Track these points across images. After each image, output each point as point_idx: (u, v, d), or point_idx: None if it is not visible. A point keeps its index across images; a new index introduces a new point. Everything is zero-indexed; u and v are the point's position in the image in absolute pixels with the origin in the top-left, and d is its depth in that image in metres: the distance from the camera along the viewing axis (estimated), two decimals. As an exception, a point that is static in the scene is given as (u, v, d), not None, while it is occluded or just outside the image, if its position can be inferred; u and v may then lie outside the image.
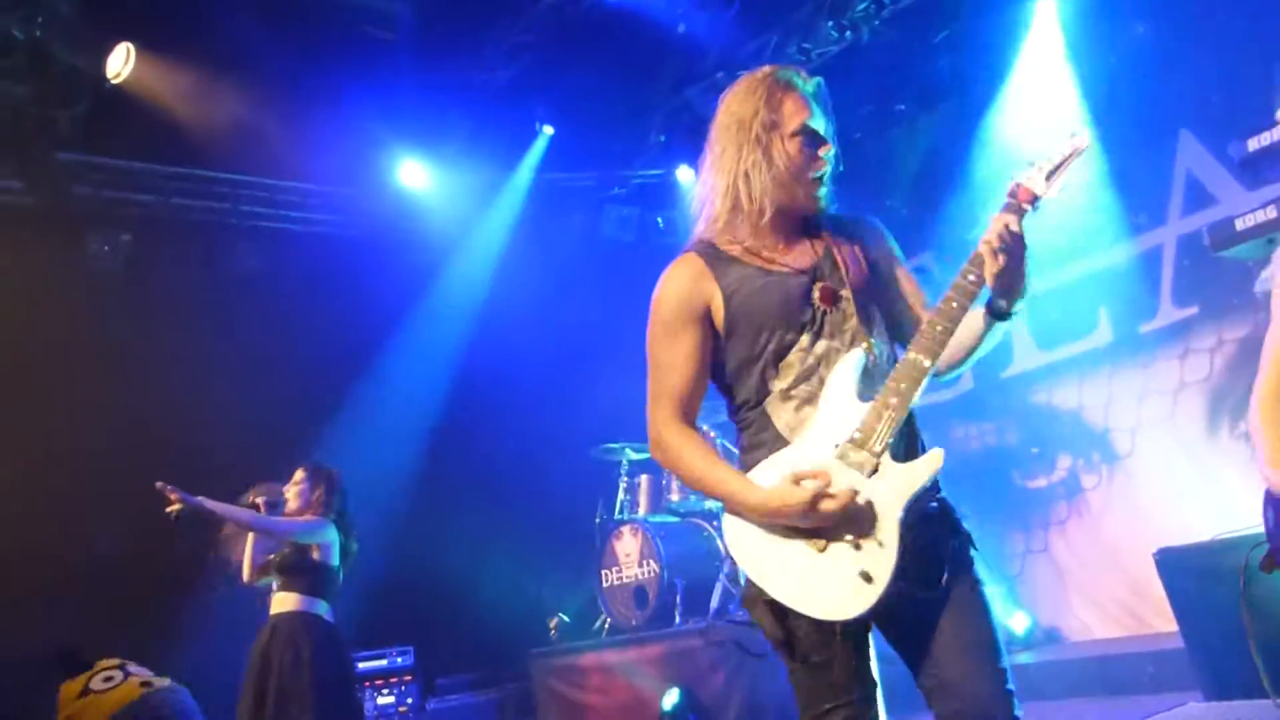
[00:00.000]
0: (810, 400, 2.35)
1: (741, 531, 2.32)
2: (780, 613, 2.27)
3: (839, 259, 2.41)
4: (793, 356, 2.37)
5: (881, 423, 2.22)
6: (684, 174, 8.07)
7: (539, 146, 7.81)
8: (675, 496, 7.11)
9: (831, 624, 2.21)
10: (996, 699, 2.16)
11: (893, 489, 2.20)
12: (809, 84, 2.45)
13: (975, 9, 6.71)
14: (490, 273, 8.12)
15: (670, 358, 2.42)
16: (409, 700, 7.09)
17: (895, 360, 2.32)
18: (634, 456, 7.50)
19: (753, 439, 2.42)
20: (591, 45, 6.87)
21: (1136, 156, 6.11)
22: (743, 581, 2.38)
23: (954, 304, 2.25)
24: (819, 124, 2.41)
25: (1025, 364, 6.90)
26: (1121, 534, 6.27)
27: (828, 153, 2.40)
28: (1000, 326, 2.31)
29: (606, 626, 7.20)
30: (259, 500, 5.26)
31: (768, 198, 2.38)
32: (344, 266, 7.66)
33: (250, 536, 5.29)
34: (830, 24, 6.79)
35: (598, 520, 7.56)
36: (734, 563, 6.64)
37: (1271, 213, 3.68)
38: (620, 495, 7.47)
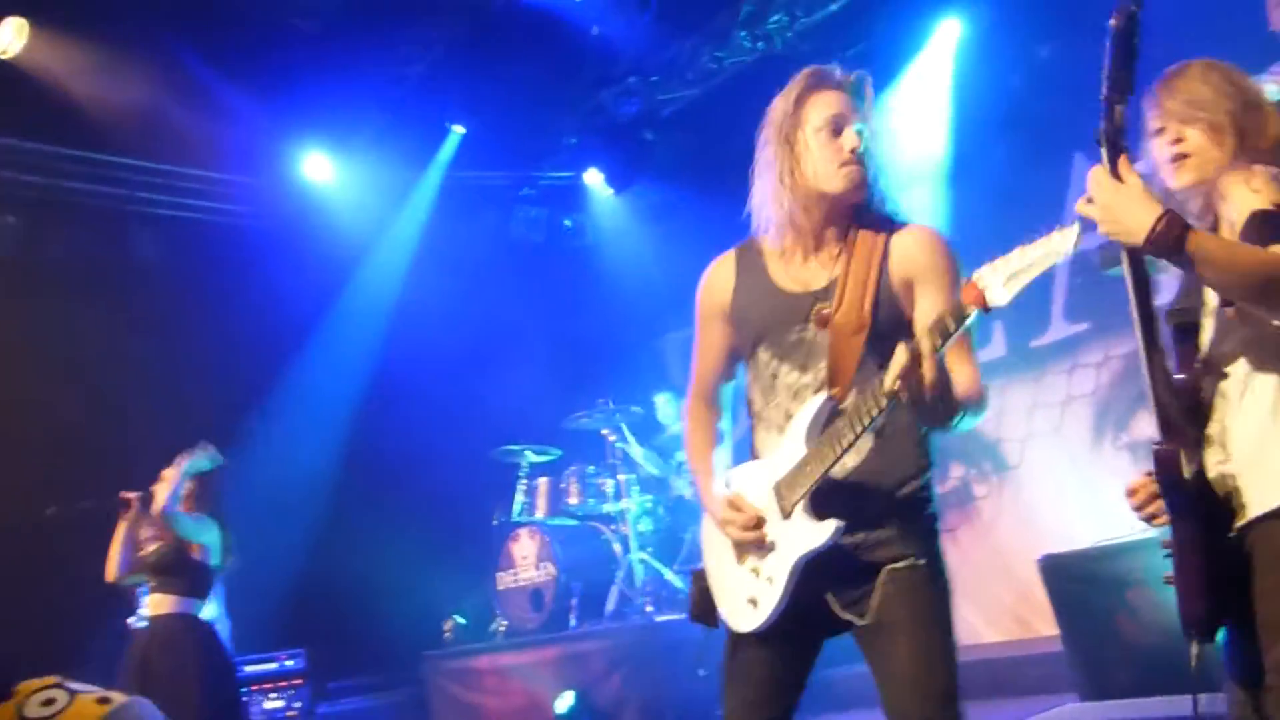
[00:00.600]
0: (779, 429, 2.45)
1: (708, 519, 2.56)
2: (707, 597, 2.52)
3: (846, 286, 2.37)
4: (767, 378, 2.49)
5: (801, 477, 2.33)
6: (593, 177, 8.06)
7: (450, 144, 7.72)
8: (574, 500, 7.09)
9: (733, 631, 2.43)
10: None
11: (795, 539, 2.33)
12: (843, 79, 2.44)
13: (886, 26, 6.84)
14: (399, 270, 7.99)
15: (701, 346, 2.64)
16: (298, 704, 6.92)
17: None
18: (534, 459, 7.46)
19: (749, 441, 2.61)
20: (506, 44, 6.81)
21: (1034, 175, 6.29)
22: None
23: (867, 405, 2.21)
24: (848, 117, 2.39)
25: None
26: (1010, 541, 6.45)
27: (853, 143, 2.36)
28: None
29: (502, 629, 7.14)
30: (131, 496, 5.02)
31: (803, 196, 2.40)
32: (247, 258, 7.45)
33: (120, 531, 5.00)
34: (744, 34, 6.86)
35: (495, 522, 7.50)
36: (630, 566, 6.71)
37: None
38: (519, 497, 7.42)
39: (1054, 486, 6.32)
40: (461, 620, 7.60)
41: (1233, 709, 2.00)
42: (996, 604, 6.50)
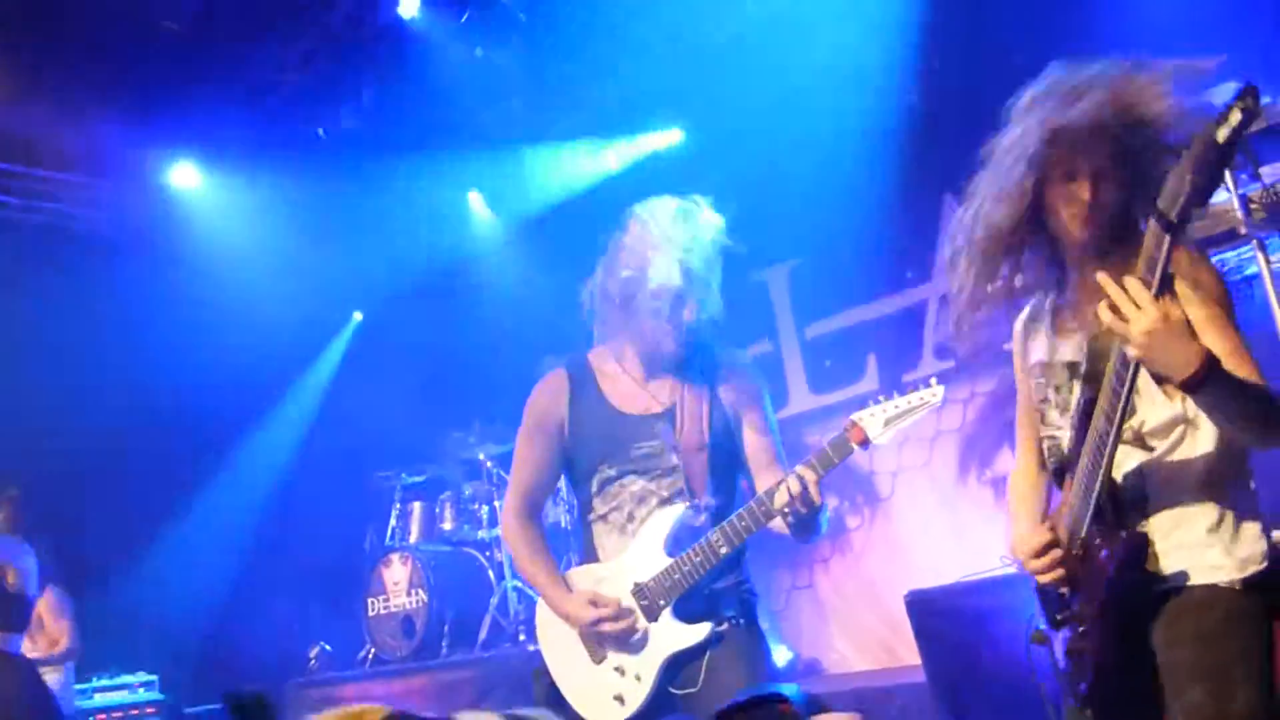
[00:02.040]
0: (623, 530, 2.70)
1: (549, 621, 2.74)
2: (558, 696, 2.68)
3: (685, 413, 2.70)
4: (613, 488, 2.72)
5: (671, 583, 2.59)
6: (475, 199, 7.97)
7: (324, 158, 7.51)
8: (448, 525, 6.97)
9: None
10: None
11: (663, 640, 2.58)
12: (688, 226, 2.70)
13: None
14: (268, 286, 7.74)
15: (524, 456, 2.83)
16: (150, 733, 6.63)
17: (726, 509, 2.68)
18: (408, 480, 7.30)
19: (581, 544, 2.82)
20: (387, 60, 6.70)
21: (908, 215, 6.46)
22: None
23: (763, 508, 2.56)
24: (692, 284, 2.67)
25: (799, 406, 7.15)
26: (880, 572, 6.57)
27: (688, 312, 2.67)
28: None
29: (371, 657, 6.95)
30: None
31: (638, 334, 2.70)
32: (103, 264, 7.15)
33: None
34: (629, 62, 6.89)
35: (366, 546, 7.31)
36: (505, 594, 6.61)
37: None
38: (392, 522, 7.25)
39: (922, 519, 6.47)
40: (327, 647, 7.37)
41: None
42: (866, 633, 6.61)
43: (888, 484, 6.73)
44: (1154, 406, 2.02)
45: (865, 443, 2.49)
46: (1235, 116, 1.68)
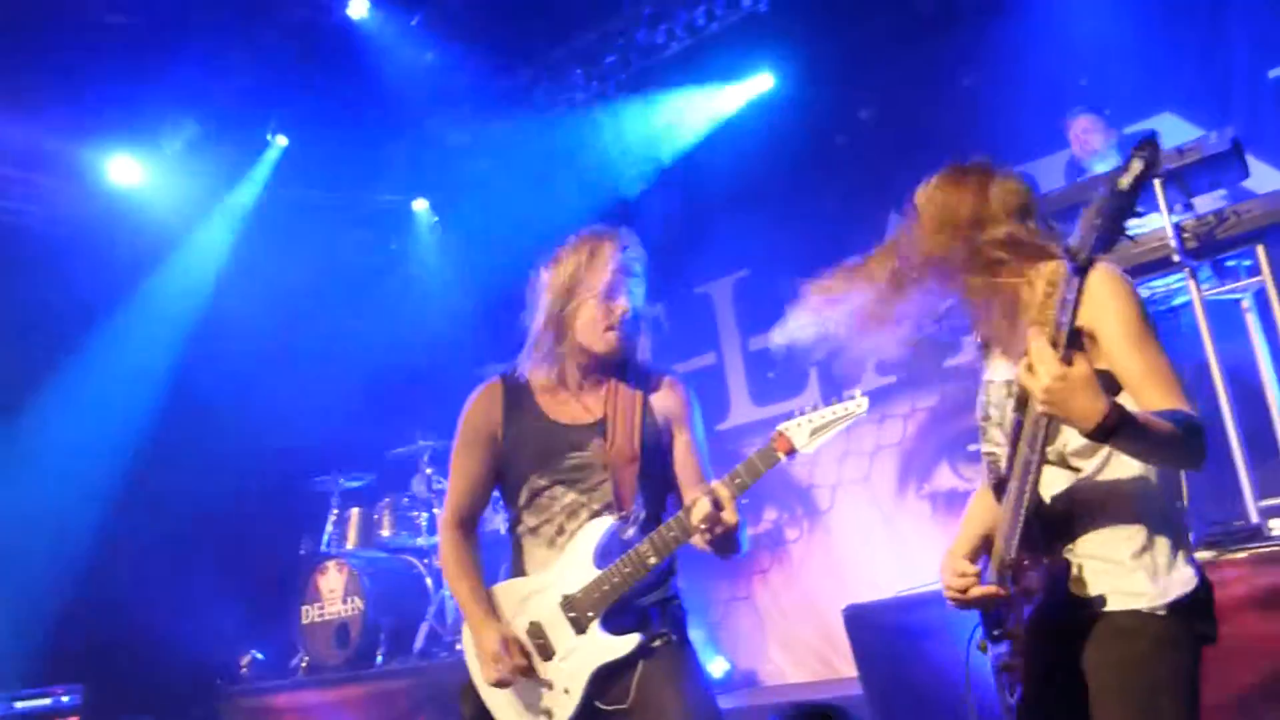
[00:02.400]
0: (551, 544, 2.69)
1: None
2: (484, 711, 2.68)
3: (616, 425, 2.71)
4: (543, 499, 2.71)
5: (600, 595, 2.58)
6: (420, 204, 7.90)
7: (271, 158, 7.42)
8: (386, 532, 6.87)
9: None
10: None
11: (591, 653, 2.58)
12: (622, 241, 2.75)
13: (716, 74, 6.97)
14: (209, 286, 7.60)
15: (459, 468, 2.79)
16: (73, 744, 6.45)
17: (656, 521, 2.68)
18: (346, 486, 7.20)
19: (510, 557, 2.79)
20: (337, 62, 6.63)
21: (853, 230, 6.52)
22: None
23: (682, 527, 2.52)
24: (622, 283, 2.70)
25: (741, 417, 7.19)
26: (818, 585, 6.62)
27: (622, 310, 2.68)
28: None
29: (304, 665, 6.83)
30: None
31: (574, 346, 2.70)
32: (37, 259, 6.95)
33: None
34: (580, 71, 6.89)
35: (302, 553, 7.19)
36: (442, 602, 6.54)
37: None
38: (329, 528, 7.13)
39: (861, 532, 6.53)
40: (260, 655, 7.24)
41: None
42: (803, 645, 6.65)
43: (827, 497, 6.79)
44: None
45: (792, 453, 2.48)
46: (1136, 166, 1.79)
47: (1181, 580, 1.99)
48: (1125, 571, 2.00)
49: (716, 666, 6.62)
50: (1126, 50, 5.64)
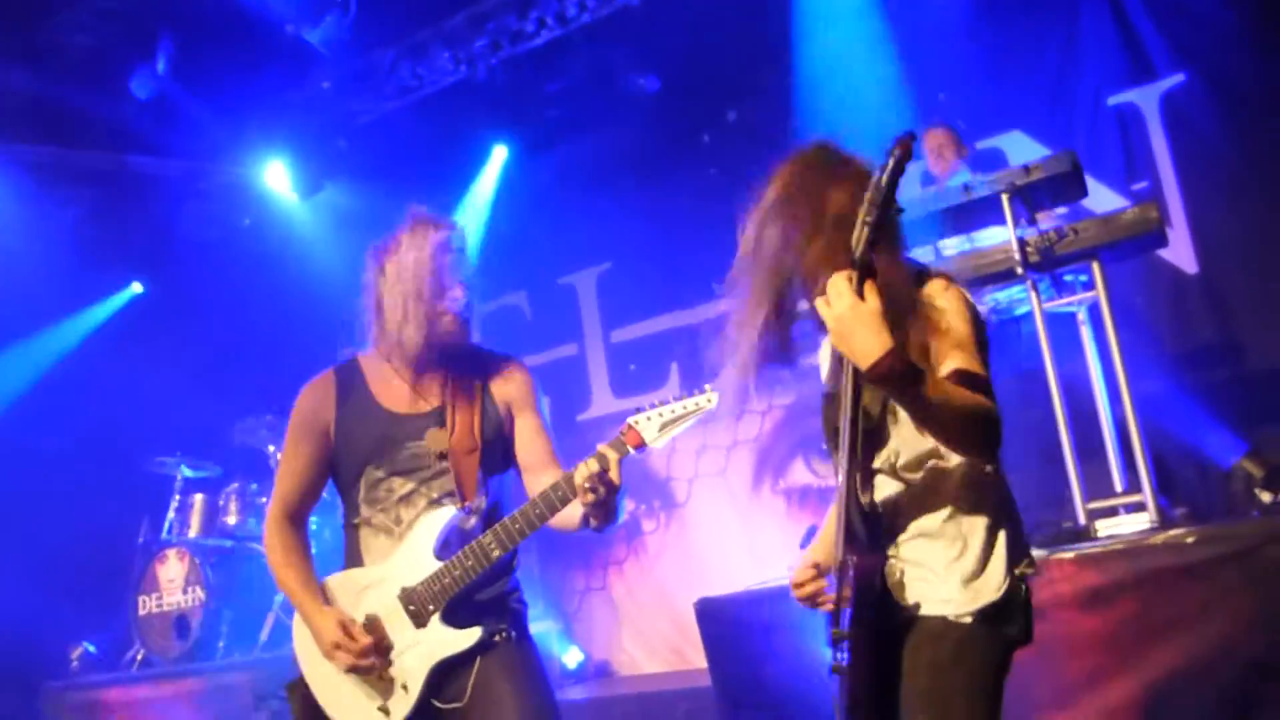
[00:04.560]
0: (388, 532, 2.63)
1: (306, 630, 2.62)
2: (315, 708, 2.61)
3: (455, 413, 2.67)
4: (380, 491, 2.65)
5: (440, 587, 2.54)
6: (276, 178, 7.61)
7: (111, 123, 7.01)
8: (232, 519, 6.62)
9: None
10: None
11: (430, 647, 2.54)
12: (456, 228, 2.72)
13: (589, 62, 6.94)
14: (40, 252, 7.17)
15: (289, 464, 2.72)
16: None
17: (497, 510, 2.67)
18: (189, 474, 6.91)
19: (346, 550, 2.72)
20: (189, 25, 6.32)
21: (716, 227, 6.60)
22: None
23: (537, 511, 2.50)
24: (457, 268, 2.67)
25: (601, 409, 7.21)
26: (673, 577, 6.70)
27: (458, 297, 2.65)
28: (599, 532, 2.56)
29: (139, 658, 6.54)
30: None
31: (410, 328, 2.63)
32: None
33: None
34: (448, 54, 6.76)
35: (140, 540, 6.87)
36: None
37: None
38: (170, 514, 6.83)
39: (717, 526, 6.64)
40: (91, 648, 6.90)
41: None
42: (657, 636, 6.72)
43: (684, 490, 6.87)
44: (908, 442, 2.13)
45: (641, 446, 2.47)
46: (890, 163, 1.89)
47: (991, 587, 2.08)
48: (939, 579, 2.09)
49: (571, 657, 6.63)
50: (983, 69, 5.87)
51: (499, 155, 7.55)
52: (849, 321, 1.86)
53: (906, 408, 1.97)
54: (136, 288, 8.28)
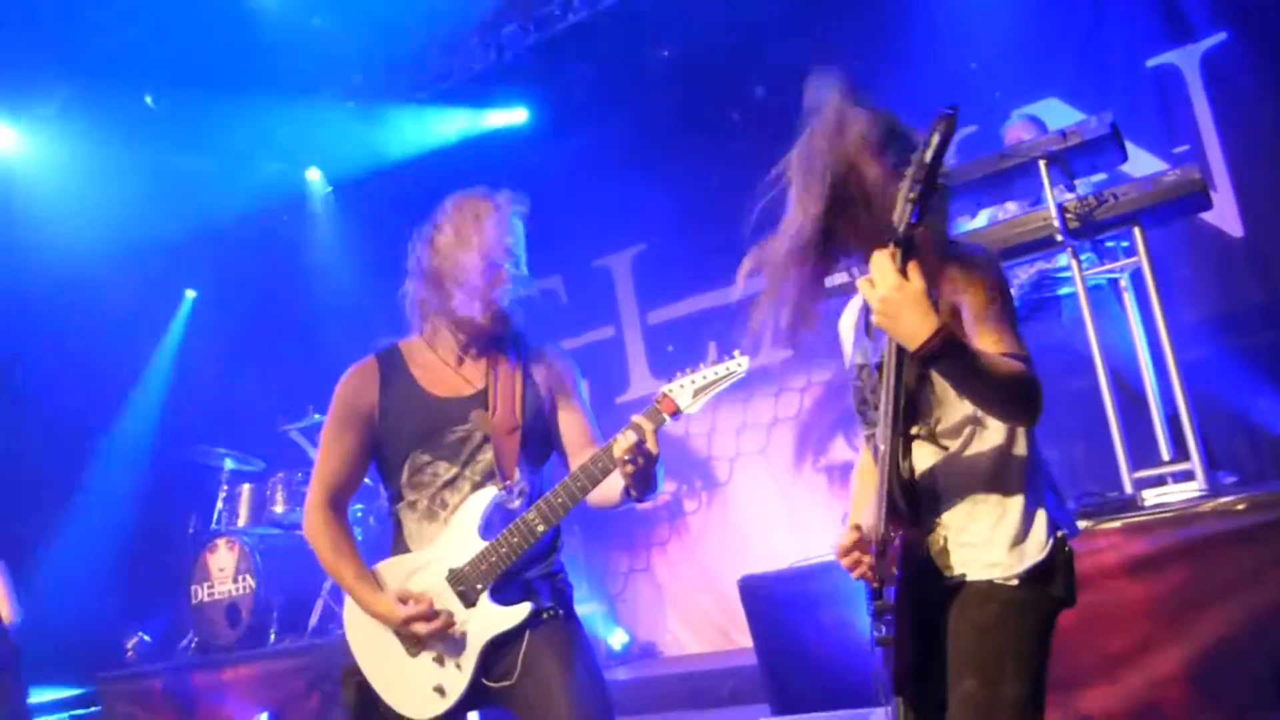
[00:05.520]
0: (433, 517, 2.65)
1: (357, 617, 2.64)
2: (368, 693, 2.61)
3: (498, 395, 2.67)
4: (425, 475, 2.66)
5: (488, 566, 2.56)
6: (313, 174, 7.69)
7: (150, 123, 7.12)
8: (279, 508, 6.72)
9: (406, 718, 2.57)
10: None
11: (482, 625, 2.56)
12: (509, 207, 2.69)
13: (611, 50, 6.91)
14: (93, 251, 7.28)
15: (331, 450, 2.70)
16: (-50, 729, 6.22)
17: (539, 492, 2.67)
18: (236, 463, 7.02)
19: (391, 535, 2.74)
20: (217, 27, 6.37)
21: (752, 207, 6.56)
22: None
23: (578, 483, 2.53)
24: (506, 250, 2.65)
25: (640, 390, 7.22)
26: (716, 556, 6.70)
27: (510, 275, 2.64)
28: (639, 505, 2.58)
29: (193, 646, 6.67)
30: None
31: (452, 314, 2.65)
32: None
33: None
34: (477, 41, 6.77)
35: (191, 530, 7.00)
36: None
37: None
38: (219, 505, 6.95)
39: (759, 504, 6.63)
40: (146, 637, 7.05)
41: None
42: (702, 616, 6.74)
43: (725, 469, 6.87)
44: (948, 408, 2.12)
45: (676, 413, 2.51)
46: (935, 139, 1.87)
47: (1035, 549, 2.08)
48: (983, 545, 2.09)
49: (616, 638, 6.67)
50: (1015, 36, 5.78)
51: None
52: (896, 303, 1.86)
53: (952, 381, 1.98)
54: (190, 294, 8.40)
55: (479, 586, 2.56)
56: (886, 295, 1.86)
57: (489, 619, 2.56)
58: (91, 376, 7.26)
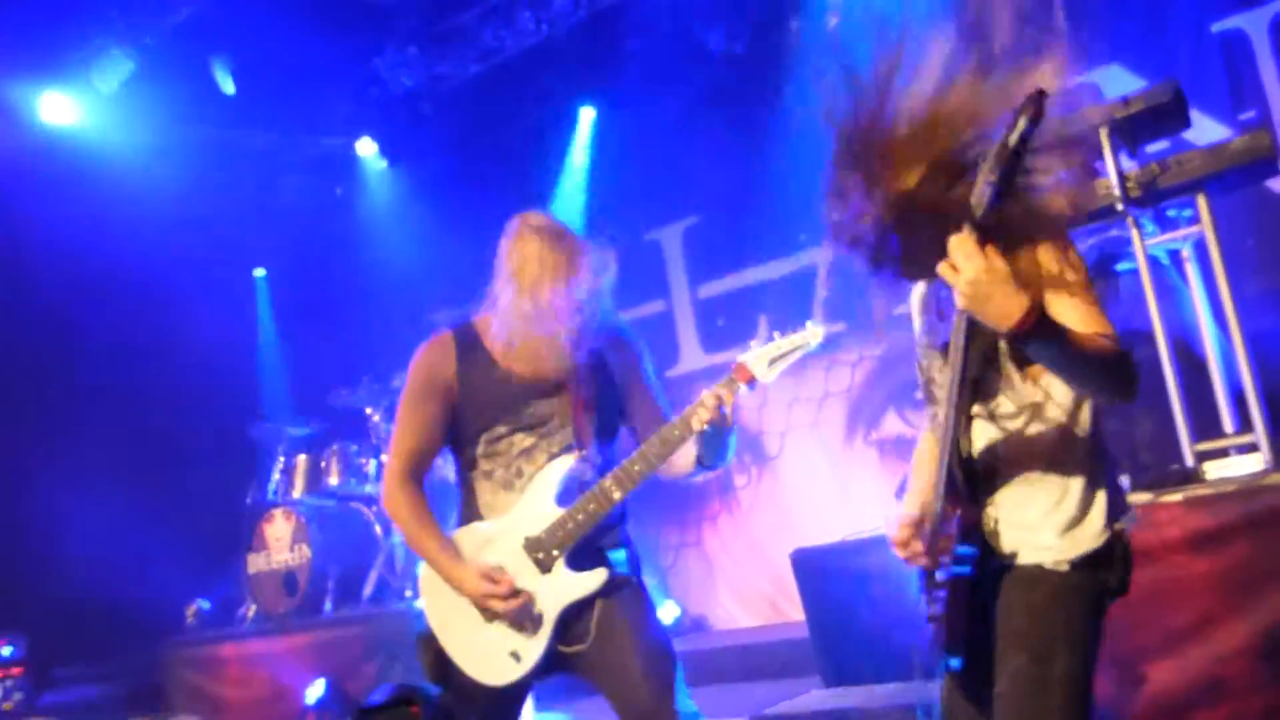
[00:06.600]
0: (508, 486, 2.69)
1: (433, 584, 2.69)
2: (444, 659, 2.67)
3: (571, 373, 2.71)
4: (501, 445, 2.70)
5: (564, 533, 2.61)
6: (365, 147, 7.73)
7: (216, 99, 7.19)
8: (334, 479, 6.80)
9: (482, 684, 2.63)
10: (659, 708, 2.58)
11: (558, 591, 2.61)
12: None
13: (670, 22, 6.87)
14: (151, 226, 7.39)
15: (410, 422, 2.74)
16: (17, 695, 6.44)
17: (609, 466, 2.70)
18: (292, 433, 7.12)
19: (462, 503, 2.79)
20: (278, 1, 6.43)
21: (800, 179, 6.50)
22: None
23: (655, 450, 2.59)
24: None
25: (690, 364, 7.21)
26: (767, 530, 6.69)
27: (585, 315, 2.68)
28: (708, 474, 2.69)
29: (251, 614, 6.80)
30: None
31: (536, 330, 2.67)
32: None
33: None
34: (529, 13, 6.76)
35: (248, 501, 7.13)
36: (391, 550, 6.52)
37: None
38: (275, 475, 7.06)
39: (809, 478, 6.60)
40: (205, 604, 7.20)
41: (944, 697, 2.21)
42: (752, 590, 6.74)
43: (776, 443, 6.84)
44: (1012, 390, 2.09)
45: (752, 381, 2.58)
46: (1021, 123, 1.82)
47: (1090, 536, 2.05)
48: (1036, 528, 2.06)
49: (667, 612, 6.69)
50: (1075, 2, 5.64)
51: (587, 117, 7.51)
52: (984, 286, 1.81)
53: (1046, 361, 1.94)
54: (260, 273, 8.51)
55: (555, 553, 2.61)
56: (975, 278, 1.81)
57: (565, 585, 2.61)
58: (151, 352, 7.39)
